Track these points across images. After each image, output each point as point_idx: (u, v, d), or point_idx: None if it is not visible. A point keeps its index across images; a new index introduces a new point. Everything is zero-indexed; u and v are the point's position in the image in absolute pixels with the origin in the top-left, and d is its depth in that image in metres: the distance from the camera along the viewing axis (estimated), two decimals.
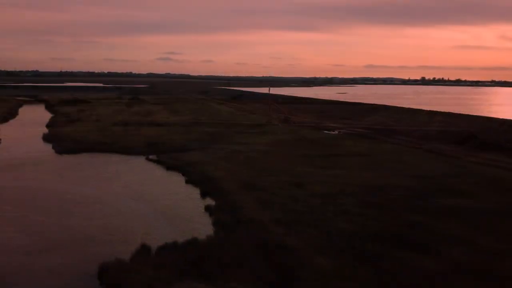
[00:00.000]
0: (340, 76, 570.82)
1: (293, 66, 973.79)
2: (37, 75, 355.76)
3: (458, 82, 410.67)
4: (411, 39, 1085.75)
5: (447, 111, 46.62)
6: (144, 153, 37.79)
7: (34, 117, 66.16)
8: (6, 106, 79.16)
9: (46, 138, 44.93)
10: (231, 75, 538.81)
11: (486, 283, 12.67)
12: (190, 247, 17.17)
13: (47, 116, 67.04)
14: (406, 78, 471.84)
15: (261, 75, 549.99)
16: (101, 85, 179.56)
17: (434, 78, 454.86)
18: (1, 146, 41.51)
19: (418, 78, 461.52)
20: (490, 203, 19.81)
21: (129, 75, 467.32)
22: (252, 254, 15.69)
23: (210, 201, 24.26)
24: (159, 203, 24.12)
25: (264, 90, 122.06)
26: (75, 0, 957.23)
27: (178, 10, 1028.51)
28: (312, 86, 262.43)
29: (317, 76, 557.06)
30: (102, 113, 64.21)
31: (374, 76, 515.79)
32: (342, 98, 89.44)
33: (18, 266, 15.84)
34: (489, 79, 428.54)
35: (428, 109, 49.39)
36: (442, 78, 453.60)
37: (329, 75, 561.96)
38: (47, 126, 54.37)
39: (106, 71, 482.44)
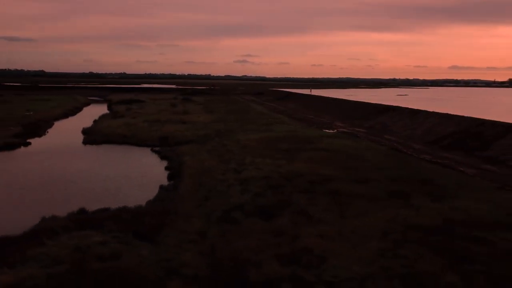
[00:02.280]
0: (421, 77, 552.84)
1: (372, 67, 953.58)
2: (123, 77, 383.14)
3: None
4: (502, 38, 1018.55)
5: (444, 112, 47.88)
6: (153, 146, 43.95)
7: (92, 114, 75.17)
8: (73, 105, 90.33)
9: (83, 131, 52.80)
10: (307, 77, 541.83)
11: (283, 237, 16.70)
12: (117, 212, 22.54)
13: (102, 113, 75.99)
14: (493, 80, 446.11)
15: (338, 77, 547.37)
16: (173, 86, 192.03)
17: None
18: (45, 137, 49.83)
19: (506, 80, 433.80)
20: (373, 190, 22.84)
21: (208, 77, 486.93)
22: (146, 216, 20.62)
23: (169, 182, 29.56)
24: (129, 182, 29.78)
25: (333, 92, 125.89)
26: (158, 6, 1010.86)
27: (255, 13, 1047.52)
28: (382, 87, 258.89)
29: (396, 77, 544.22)
30: (144, 111, 71.90)
31: (459, 78, 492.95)
32: (399, 100, 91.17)
33: None
34: None
35: (430, 110, 50.84)
36: None
37: (410, 77, 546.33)
38: (94, 121, 62.61)
39: (186, 73, 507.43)
